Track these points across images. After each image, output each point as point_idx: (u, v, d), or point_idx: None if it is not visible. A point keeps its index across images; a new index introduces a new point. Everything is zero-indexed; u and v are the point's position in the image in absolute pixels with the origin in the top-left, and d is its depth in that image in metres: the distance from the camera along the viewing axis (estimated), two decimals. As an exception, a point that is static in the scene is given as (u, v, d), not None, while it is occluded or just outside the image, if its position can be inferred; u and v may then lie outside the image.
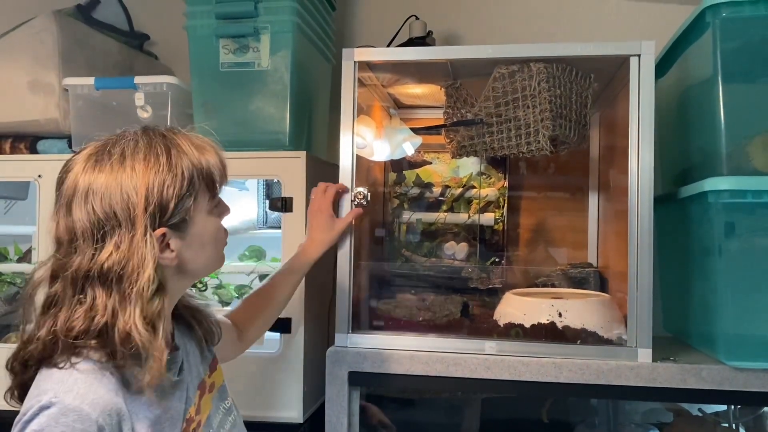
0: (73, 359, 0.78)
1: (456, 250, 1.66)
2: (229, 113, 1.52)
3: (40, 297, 0.84)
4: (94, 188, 0.80)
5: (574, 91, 1.37)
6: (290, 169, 1.45)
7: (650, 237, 1.24)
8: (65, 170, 0.84)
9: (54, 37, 1.57)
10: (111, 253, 0.78)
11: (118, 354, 0.78)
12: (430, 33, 1.76)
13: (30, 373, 0.80)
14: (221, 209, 0.92)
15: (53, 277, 0.82)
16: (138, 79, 1.54)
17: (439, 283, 1.56)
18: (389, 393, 1.58)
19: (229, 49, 1.51)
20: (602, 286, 1.57)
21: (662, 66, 1.48)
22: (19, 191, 1.82)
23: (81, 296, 0.79)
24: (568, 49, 1.30)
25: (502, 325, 1.36)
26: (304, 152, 1.46)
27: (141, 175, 0.80)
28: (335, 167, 1.37)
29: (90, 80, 1.56)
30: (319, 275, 1.56)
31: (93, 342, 0.78)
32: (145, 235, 0.79)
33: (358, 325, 1.36)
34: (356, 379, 1.31)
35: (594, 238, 1.75)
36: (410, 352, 1.30)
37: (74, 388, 0.75)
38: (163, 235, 0.82)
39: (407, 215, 1.72)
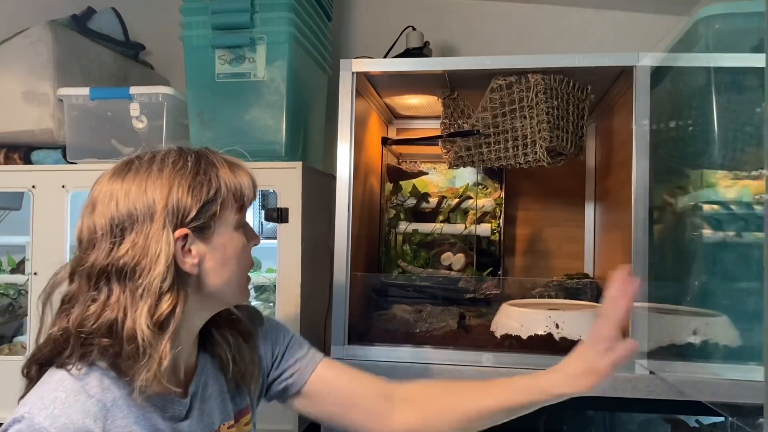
0: (79, 365, 0.77)
1: (452, 261, 1.66)
2: (224, 123, 1.51)
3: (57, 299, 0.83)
4: (120, 189, 0.80)
5: (571, 103, 1.37)
6: (286, 179, 1.45)
7: (645, 248, 1.24)
8: (97, 180, 0.84)
9: (49, 47, 1.57)
10: (128, 249, 0.78)
11: (123, 354, 0.76)
12: (426, 44, 1.76)
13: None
14: (249, 232, 0.90)
15: (71, 275, 0.82)
16: (133, 90, 1.54)
17: (436, 294, 1.55)
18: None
19: (225, 59, 1.51)
20: (599, 296, 1.57)
21: (655, 77, 1.49)
22: (12, 201, 1.81)
23: (95, 292, 0.79)
24: (565, 60, 1.30)
25: (499, 337, 1.35)
26: (300, 162, 1.45)
27: (167, 177, 0.81)
28: (331, 178, 1.37)
29: (85, 90, 1.55)
30: (315, 286, 1.55)
31: (104, 341, 0.77)
32: (163, 230, 0.79)
33: (354, 336, 1.35)
34: (352, 391, 1.30)
35: (590, 248, 1.76)
36: (407, 363, 1.29)
37: (50, 407, 0.74)
38: (185, 236, 0.81)
39: (403, 226, 1.72)
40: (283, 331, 1.04)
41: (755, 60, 1.19)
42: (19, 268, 1.87)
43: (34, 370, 0.81)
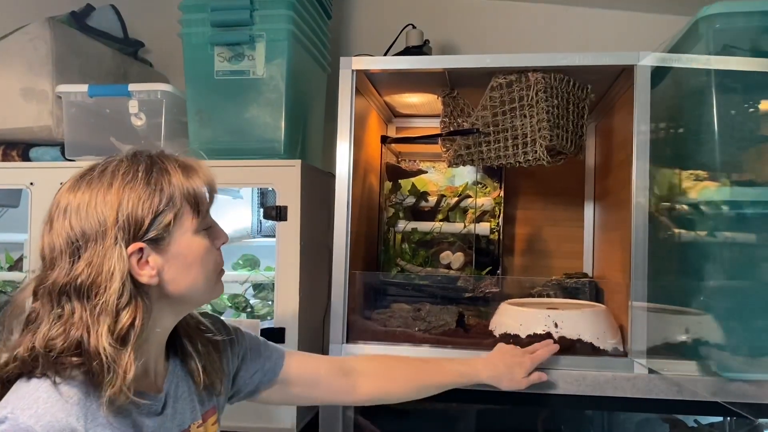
0: (57, 379, 0.77)
1: (451, 260, 1.66)
2: (223, 121, 1.51)
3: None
4: (73, 205, 0.81)
5: (571, 102, 1.37)
6: (285, 177, 1.44)
7: (645, 247, 1.24)
8: (58, 189, 0.85)
9: (48, 44, 1.56)
10: (84, 267, 0.78)
11: (92, 370, 0.77)
12: (426, 42, 1.76)
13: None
14: (213, 233, 0.90)
15: (35, 294, 0.82)
16: (132, 87, 1.54)
17: (435, 293, 1.55)
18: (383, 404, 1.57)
19: (224, 57, 1.50)
20: (597, 296, 1.57)
21: (656, 76, 1.49)
22: (10, 199, 1.80)
23: (59, 310, 0.79)
24: (566, 58, 1.30)
25: (497, 336, 1.35)
26: (299, 161, 1.45)
27: (116, 190, 0.80)
28: (330, 176, 1.36)
29: (83, 87, 1.55)
30: (314, 285, 1.55)
31: (75, 359, 0.77)
32: (115, 246, 0.79)
33: (352, 335, 1.35)
34: (351, 389, 1.30)
35: (589, 248, 1.76)
36: (406, 362, 1.29)
37: (33, 406, 0.74)
38: (141, 249, 0.81)
39: (402, 224, 1.71)
40: (248, 338, 1.07)
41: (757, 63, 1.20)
42: (16, 265, 1.86)
43: None
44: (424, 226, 1.71)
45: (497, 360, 1.19)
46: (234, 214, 2.00)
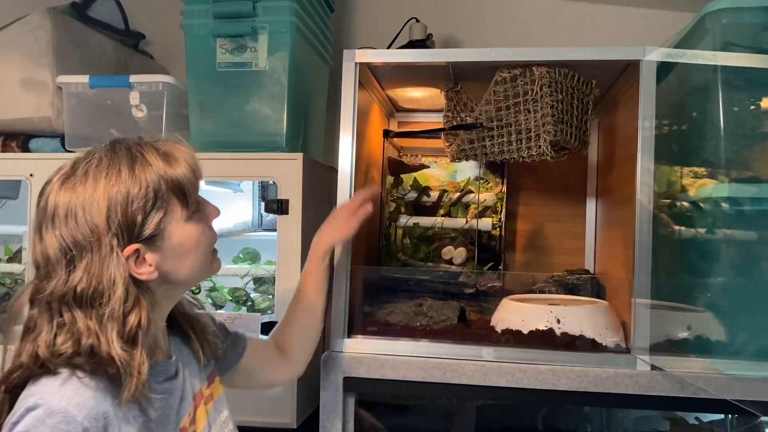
0: (79, 373, 0.77)
1: (453, 255, 1.65)
2: (225, 114, 1.50)
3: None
4: (60, 212, 0.79)
5: (576, 97, 1.36)
6: (286, 171, 1.43)
7: (648, 244, 1.23)
8: (41, 192, 0.83)
9: (48, 35, 1.55)
10: (81, 277, 0.78)
11: (110, 374, 0.78)
12: (430, 36, 1.75)
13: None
14: (202, 214, 0.89)
15: (32, 302, 0.82)
16: (133, 78, 1.52)
17: (436, 288, 1.54)
18: (384, 399, 1.57)
19: (227, 48, 1.49)
20: (599, 292, 1.56)
21: (661, 72, 1.48)
22: (10, 190, 1.79)
23: (60, 319, 0.79)
24: (571, 53, 1.29)
25: (499, 331, 1.34)
26: (301, 154, 1.44)
27: (102, 195, 0.79)
28: (332, 170, 1.36)
29: (84, 78, 1.54)
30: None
31: (88, 366, 0.77)
32: (112, 254, 0.79)
33: (353, 329, 1.34)
34: (351, 384, 1.30)
35: (591, 244, 1.75)
36: (406, 357, 1.28)
37: (61, 390, 0.75)
38: (137, 251, 0.81)
39: (404, 219, 1.71)
40: (225, 330, 1.10)
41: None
42: (15, 257, 1.85)
43: (6, 397, 0.79)
44: (425, 221, 1.70)
45: (324, 231, 1.23)
46: (235, 207, 2.00)
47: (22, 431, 0.72)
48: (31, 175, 1.53)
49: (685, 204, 1.31)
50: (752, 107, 1.24)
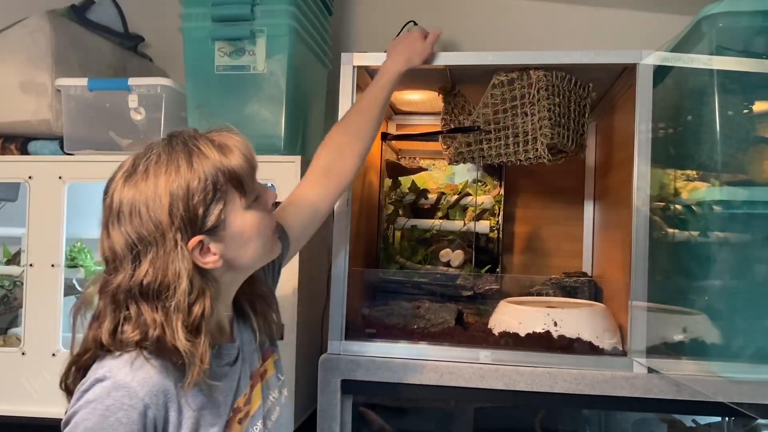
0: (146, 354, 0.81)
1: (451, 258, 1.65)
2: (223, 116, 1.50)
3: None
4: (124, 209, 0.82)
5: (573, 100, 1.37)
6: (285, 173, 1.44)
7: (645, 247, 1.24)
8: (105, 189, 0.86)
9: (47, 38, 1.56)
10: (147, 271, 0.81)
11: (174, 362, 0.81)
12: (427, 39, 1.75)
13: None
14: (261, 201, 0.91)
15: (100, 293, 0.85)
16: (132, 81, 1.53)
17: (434, 290, 1.55)
18: (382, 401, 1.57)
19: (225, 51, 1.50)
20: (596, 295, 1.57)
21: (657, 75, 1.49)
22: (9, 192, 1.79)
23: (126, 312, 0.82)
24: (568, 56, 1.29)
25: (497, 334, 1.35)
26: (299, 157, 1.44)
27: (164, 191, 0.81)
28: (331, 172, 1.36)
29: (83, 81, 1.54)
30: (313, 281, 1.55)
31: (153, 348, 0.81)
32: (176, 248, 0.81)
33: (351, 332, 1.35)
34: (349, 387, 1.30)
35: (589, 247, 1.75)
36: (404, 360, 1.29)
37: (127, 367, 0.79)
38: (201, 242, 0.83)
39: (402, 222, 1.71)
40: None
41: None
42: (14, 259, 1.85)
43: (72, 378, 0.85)
44: (423, 223, 1.71)
45: (398, 48, 1.31)
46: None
47: (90, 399, 0.78)
48: (29, 177, 1.54)
49: (683, 207, 1.31)
50: (746, 111, 1.24)
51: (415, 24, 1.76)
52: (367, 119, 1.22)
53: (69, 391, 0.85)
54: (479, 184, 1.74)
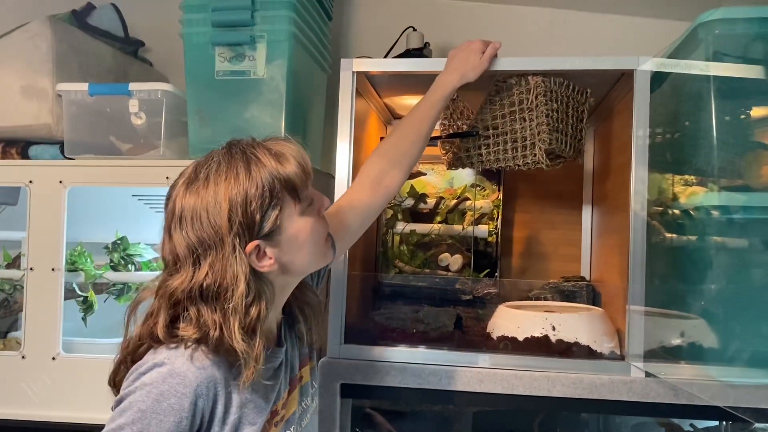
0: (203, 347, 0.85)
1: (450, 262, 1.66)
2: (223, 121, 1.51)
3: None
4: (186, 215, 0.85)
5: (571, 106, 1.37)
6: (285, 178, 1.44)
7: (643, 251, 1.24)
8: (168, 195, 0.90)
9: (48, 43, 1.56)
10: (207, 274, 0.84)
11: (230, 362, 0.85)
12: (427, 45, 1.76)
13: None
14: (314, 206, 0.93)
15: (157, 293, 0.88)
16: (132, 86, 1.54)
17: (433, 294, 1.55)
18: (381, 405, 1.57)
19: (225, 57, 1.50)
20: (595, 299, 1.57)
21: (655, 81, 1.49)
22: (9, 196, 1.80)
23: (186, 312, 0.85)
24: (566, 62, 1.30)
25: (495, 338, 1.35)
26: (299, 161, 1.45)
27: (223, 197, 0.84)
28: (329, 177, 1.37)
29: (84, 86, 1.55)
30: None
31: (212, 345, 0.84)
32: (234, 252, 0.84)
33: (350, 336, 1.35)
34: (348, 391, 1.30)
35: (587, 251, 1.76)
36: (403, 364, 1.29)
37: (183, 356, 0.83)
38: (257, 247, 0.86)
39: (401, 226, 1.72)
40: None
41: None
42: (14, 263, 1.86)
43: (122, 374, 0.87)
44: (422, 228, 1.71)
45: (454, 62, 1.30)
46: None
47: (146, 382, 0.81)
48: (30, 181, 1.54)
49: (680, 212, 1.32)
50: (743, 116, 1.25)
51: (414, 30, 1.77)
52: (416, 136, 1.23)
53: (118, 387, 0.86)
54: (478, 188, 1.75)
